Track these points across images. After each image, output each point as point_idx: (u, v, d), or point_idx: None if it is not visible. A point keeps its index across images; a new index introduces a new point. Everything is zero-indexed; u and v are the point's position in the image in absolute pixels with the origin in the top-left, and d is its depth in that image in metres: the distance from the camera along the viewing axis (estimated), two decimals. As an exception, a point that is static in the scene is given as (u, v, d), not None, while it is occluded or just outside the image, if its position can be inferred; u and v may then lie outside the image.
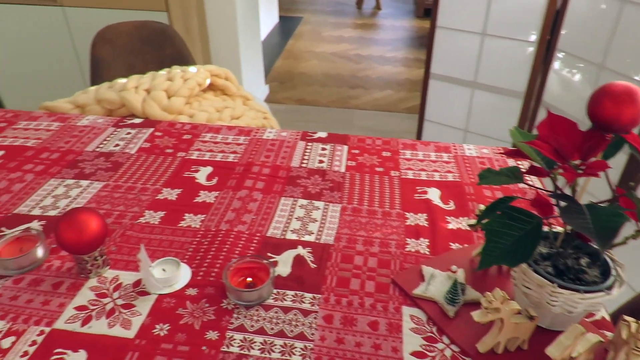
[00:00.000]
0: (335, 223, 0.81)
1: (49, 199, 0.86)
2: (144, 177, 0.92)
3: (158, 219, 0.81)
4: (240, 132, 1.09)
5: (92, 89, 1.47)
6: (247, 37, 2.70)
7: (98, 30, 1.63)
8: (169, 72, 1.50)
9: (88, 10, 2.24)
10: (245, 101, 1.63)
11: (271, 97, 3.17)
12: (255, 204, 0.85)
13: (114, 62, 1.61)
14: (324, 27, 4.55)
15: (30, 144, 1.03)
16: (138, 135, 1.07)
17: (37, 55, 2.40)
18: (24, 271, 0.70)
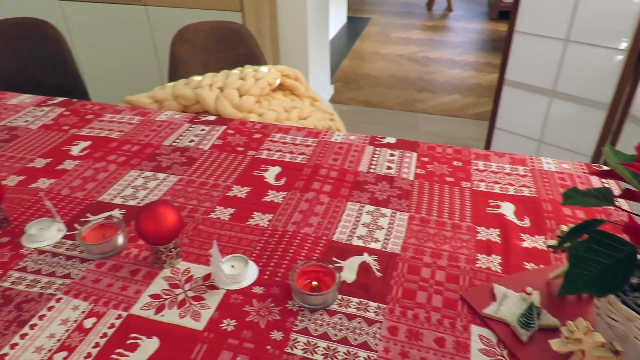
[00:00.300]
0: (402, 232, 0.79)
1: (129, 189, 0.91)
2: (216, 174, 0.95)
3: (228, 216, 0.83)
4: (309, 134, 1.10)
5: (170, 85, 1.54)
6: (316, 37, 2.72)
7: (178, 30, 1.70)
8: (241, 71, 1.54)
9: (168, 9, 2.35)
10: (312, 102, 1.64)
11: (336, 97, 3.18)
12: (322, 207, 0.85)
13: (190, 60, 1.68)
14: (392, 28, 4.49)
15: (114, 136, 1.09)
16: (211, 132, 1.11)
17: (121, 51, 2.56)
18: (106, 256, 0.74)
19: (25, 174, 0.95)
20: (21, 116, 1.20)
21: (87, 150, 1.04)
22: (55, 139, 1.09)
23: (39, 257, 0.75)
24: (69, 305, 0.66)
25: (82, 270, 0.72)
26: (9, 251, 0.76)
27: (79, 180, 0.93)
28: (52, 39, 1.73)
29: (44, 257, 0.74)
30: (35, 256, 0.75)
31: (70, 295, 0.67)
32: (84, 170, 0.97)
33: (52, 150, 1.04)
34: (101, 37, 2.57)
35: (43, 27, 1.73)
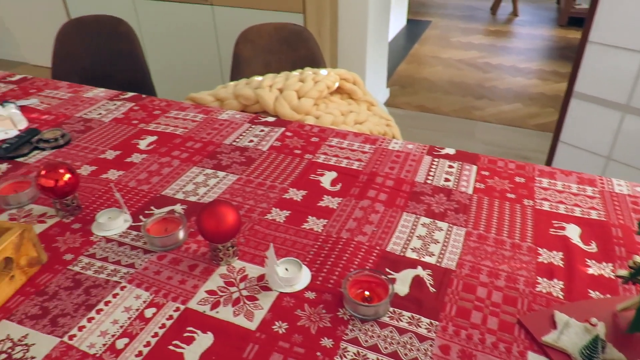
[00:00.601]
0: (459, 248, 0.77)
1: (191, 185, 0.94)
2: (273, 175, 0.97)
3: (283, 218, 0.85)
4: (366, 140, 1.09)
5: (231, 84, 1.59)
6: (375, 39, 2.71)
7: (241, 30, 1.75)
8: (301, 73, 1.56)
9: (233, 9, 2.41)
10: (369, 106, 1.64)
11: (391, 100, 3.15)
12: (376, 215, 0.85)
13: (252, 60, 1.72)
14: (453, 32, 4.39)
15: (179, 132, 1.14)
16: (270, 134, 1.13)
17: (185, 48, 2.66)
18: (167, 249, 0.77)
19: (97, 165, 1.02)
20: (95, 109, 1.27)
21: (154, 145, 1.09)
22: (125, 132, 1.15)
23: (106, 245, 0.79)
24: (132, 294, 0.69)
25: (145, 261, 0.75)
26: (80, 237, 0.81)
27: (145, 174, 0.98)
28: (125, 35, 1.83)
29: (111, 246, 0.79)
30: (103, 244, 0.79)
31: (133, 285, 0.71)
32: (150, 164, 1.01)
33: (122, 143, 1.10)
34: (168, 34, 2.69)
35: (118, 24, 1.83)
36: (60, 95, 1.37)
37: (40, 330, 0.64)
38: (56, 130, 1.12)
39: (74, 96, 1.36)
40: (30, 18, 3.75)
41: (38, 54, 3.97)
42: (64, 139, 1.10)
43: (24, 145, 1.08)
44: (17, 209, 0.88)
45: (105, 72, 1.87)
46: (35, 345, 0.62)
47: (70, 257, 0.76)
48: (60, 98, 1.35)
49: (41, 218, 0.86)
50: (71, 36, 1.85)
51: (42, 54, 3.94)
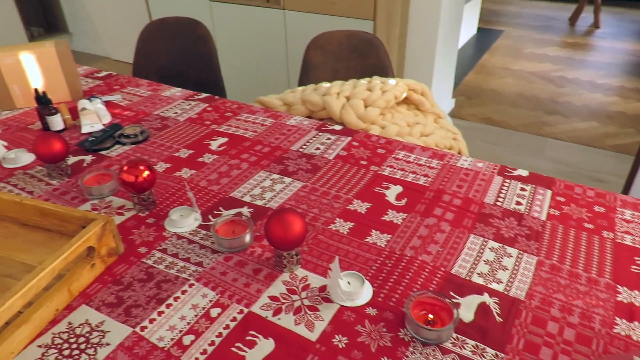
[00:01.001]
0: (529, 277, 0.74)
1: (258, 189, 0.97)
2: (338, 185, 0.97)
3: (347, 229, 0.85)
4: (434, 155, 1.07)
5: (299, 89, 1.61)
6: (444, 48, 2.65)
7: (311, 35, 1.77)
8: (369, 82, 1.56)
9: (304, 14, 2.45)
10: (436, 119, 1.60)
11: (456, 111, 3.07)
12: (442, 235, 0.83)
13: (321, 66, 1.74)
14: (526, 42, 4.21)
15: (248, 135, 1.17)
16: (337, 142, 1.13)
17: (255, 51, 2.73)
18: (233, 251, 0.80)
19: (172, 162, 1.07)
20: (172, 108, 1.34)
21: (224, 147, 1.12)
22: (198, 132, 1.20)
23: (177, 241, 0.83)
24: (199, 292, 0.72)
25: (212, 260, 0.78)
26: (154, 232, 0.85)
27: (215, 174, 1.02)
28: (202, 37, 1.91)
29: (182, 243, 0.82)
30: (175, 240, 0.83)
31: (201, 283, 0.74)
32: (220, 165, 1.05)
33: (195, 143, 1.14)
34: (240, 36, 2.77)
35: (196, 26, 1.92)
36: (140, 92, 1.45)
37: (115, 319, 0.68)
38: (136, 127, 1.19)
39: (153, 94, 1.44)
40: (114, 16, 4.00)
41: (119, 49, 4.23)
42: (142, 136, 1.17)
43: (107, 139, 1.15)
44: (99, 199, 0.94)
45: (180, 70, 1.96)
46: (110, 333, 0.66)
47: (144, 250, 0.81)
48: (140, 95, 1.43)
49: (120, 210, 0.91)
50: (153, 36, 1.96)
51: (123, 50, 4.20)
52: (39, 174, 1.03)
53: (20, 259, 0.77)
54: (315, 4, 2.38)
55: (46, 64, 1.33)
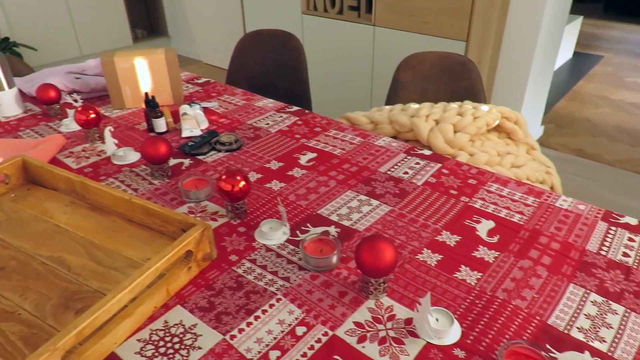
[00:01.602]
0: (638, 340, 0.68)
1: (345, 209, 0.97)
2: (427, 213, 0.95)
3: (435, 262, 0.83)
4: (530, 192, 1.02)
5: (387, 108, 1.61)
6: (538, 72, 2.53)
7: (399, 52, 1.77)
8: (460, 106, 1.52)
9: (395, 31, 2.45)
10: (529, 150, 1.53)
11: (544, 139, 2.91)
12: (538, 280, 0.78)
13: (411, 86, 1.73)
14: (628, 70, 3.91)
15: (337, 153, 1.19)
16: (426, 168, 1.11)
17: (341, 65, 2.77)
18: (320, 270, 0.81)
19: (263, 173, 1.10)
20: (264, 118, 1.39)
21: (313, 162, 1.14)
22: (288, 145, 1.23)
23: (266, 253, 0.85)
24: (285, 308, 0.74)
25: (299, 277, 0.79)
26: (245, 241, 0.88)
27: (303, 190, 1.04)
28: (295, 50, 1.97)
29: (270, 255, 0.85)
30: (264, 252, 0.86)
31: (287, 299, 0.75)
32: (308, 180, 1.07)
33: (285, 156, 1.18)
34: (328, 49, 2.82)
35: (289, 39, 1.98)
36: (235, 101, 1.52)
37: (207, 324, 0.71)
38: (231, 135, 1.25)
39: (247, 104, 1.50)
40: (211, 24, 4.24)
41: (211, 54, 4.47)
42: (236, 144, 1.22)
43: (204, 145, 1.22)
44: (195, 203, 0.99)
45: (270, 81, 2.03)
46: (202, 337, 0.69)
47: (235, 258, 0.84)
48: (235, 104, 1.50)
49: (213, 216, 0.96)
50: (248, 46, 2.05)
51: (215, 55, 4.43)
52: (143, 172, 1.11)
53: (125, 253, 0.83)
54: (407, 23, 2.37)
55: (155, 69, 1.43)
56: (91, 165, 1.15)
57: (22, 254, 0.83)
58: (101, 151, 1.21)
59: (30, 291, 0.75)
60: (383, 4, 2.42)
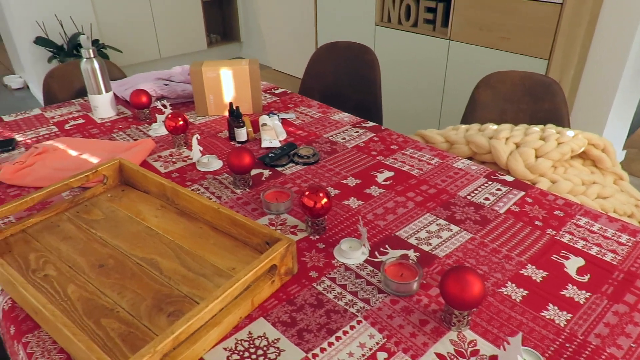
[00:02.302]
0: None
1: (424, 233, 0.96)
2: (510, 244, 0.92)
3: (520, 297, 0.80)
4: (624, 229, 0.96)
5: (463, 127, 1.57)
6: (623, 95, 2.38)
7: (476, 70, 1.72)
8: (542, 130, 1.46)
9: (471, 47, 2.39)
10: (617, 180, 1.44)
11: (625, 165, 2.73)
12: (635, 328, 0.73)
13: (489, 106, 1.68)
14: None
15: (414, 173, 1.18)
16: (508, 195, 1.08)
17: (412, 78, 2.74)
18: (400, 295, 0.80)
19: (340, 189, 1.11)
20: (340, 132, 1.40)
21: (390, 181, 1.14)
22: (364, 161, 1.23)
23: (345, 272, 0.86)
24: (366, 331, 0.74)
25: (380, 300, 0.79)
26: (324, 258, 0.90)
27: (381, 209, 1.04)
28: (369, 63, 1.97)
29: (349, 275, 0.85)
30: (343, 270, 0.86)
31: (368, 322, 0.75)
32: (386, 200, 1.07)
33: (362, 172, 1.18)
34: (399, 61, 2.81)
35: (365, 52, 1.99)
36: (311, 113, 1.55)
37: (289, 339, 0.73)
38: (309, 148, 1.27)
39: (323, 116, 1.52)
40: (282, 31, 4.35)
41: (280, 61, 4.58)
42: (314, 158, 1.24)
43: (283, 157, 1.25)
44: (275, 215, 1.02)
45: (342, 92, 2.05)
46: (285, 352, 0.70)
47: (314, 274, 0.85)
48: (312, 116, 1.52)
49: (293, 229, 0.98)
50: (323, 57, 2.08)
51: (284, 62, 4.53)
52: (226, 181, 1.16)
53: (211, 260, 0.87)
54: (485, 38, 2.31)
55: (239, 79, 1.49)
56: (178, 170, 1.21)
57: (119, 253, 0.89)
58: (187, 157, 1.28)
59: (126, 290, 0.80)
60: (461, 19, 2.37)
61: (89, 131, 1.45)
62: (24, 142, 1.38)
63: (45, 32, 3.52)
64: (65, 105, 1.66)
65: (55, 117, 1.55)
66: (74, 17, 3.63)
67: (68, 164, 1.21)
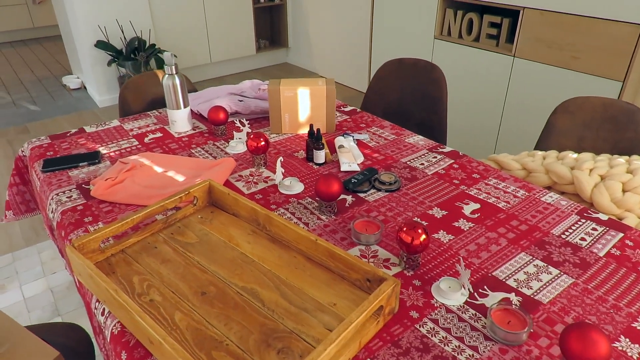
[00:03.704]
0: None
1: (522, 274, 0.93)
2: (616, 292, 0.89)
3: (636, 354, 0.76)
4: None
5: (539, 154, 1.53)
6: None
7: (564, 101, 1.67)
8: (628, 161, 1.40)
9: (537, 64, 2.33)
10: None
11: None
12: None
13: (567, 132, 1.63)
14: None
15: (501, 206, 1.15)
16: (605, 236, 1.04)
17: (470, 93, 2.69)
18: (507, 344, 0.78)
19: (427, 220, 1.10)
20: (418, 157, 1.38)
21: (477, 214, 1.12)
22: (447, 191, 1.21)
23: (447, 314, 0.84)
24: (479, 382, 0.72)
25: (488, 349, 0.78)
26: (422, 297, 0.88)
27: (473, 245, 1.02)
28: (435, 81, 1.95)
29: (451, 317, 0.84)
30: (444, 312, 0.85)
31: (479, 372, 0.74)
32: (477, 235, 1.05)
33: (447, 203, 1.16)
34: (457, 75, 2.76)
35: (432, 70, 1.96)
36: (385, 135, 1.54)
37: (401, 385, 0.72)
38: (391, 175, 1.26)
39: (397, 139, 1.51)
40: (332, 39, 4.35)
41: (327, 68, 4.58)
42: (396, 185, 1.23)
43: (365, 182, 1.24)
44: (365, 245, 1.02)
45: (406, 108, 2.03)
46: (399, 400, 0.70)
47: (415, 315, 0.84)
48: (386, 138, 1.51)
49: (386, 263, 0.97)
50: (388, 73, 2.07)
51: (331, 69, 4.54)
52: (310, 206, 1.16)
53: (311, 294, 0.87)
54: (553, 56, 2.24)
55: (315, 99, 1.49)
56: (261, 191, 1.22)
57: (219, 281, 0.91)
58: (267, 177, 1.29)
59: (232, 321, 0.81)
60: (528, 36, 2.31)
61: (168, 145, 1.48)
62: (108, 155, 1.42)
63: (107, 36, 3.64)
64: (142, 117, 1.70)
65: (134, 130, 1.59)
66: (133, 22, 3.74)
67: (155, 181, 1.25)
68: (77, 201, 1.19)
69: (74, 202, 1.18)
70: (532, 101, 2.40)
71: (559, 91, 2.28)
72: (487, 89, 2.61)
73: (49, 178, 1.30)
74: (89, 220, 1.11)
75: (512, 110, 2.52)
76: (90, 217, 1.12)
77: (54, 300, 2.00)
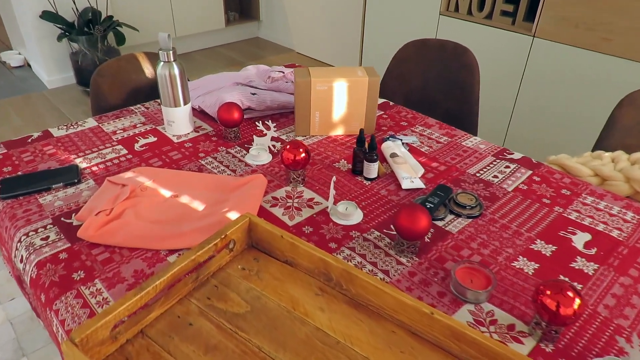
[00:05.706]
0: None
1: (689, 341, 0.71)
2: None
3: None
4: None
5: (607, 156, 1.32)
6: None
7: (631, 92, 1.46)
8: None
9: (561, 46, 2.13)
10: None
11: None
12: None
13: (632, 129, 1.43)
14: None
15: (615, 235, 0.92)
16: None
17: (483, 77, 2.45)
18: None
19: (535, 260, 0.85)
20: (487, 168, 1.13)
21: (594, 249, 0.88)
22: (541, 215, 0.96)
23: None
24: None
25: None
26: (582, 388, 0.64)
27: (612, 300, 0.78)
28: (468, 67, 1.69)
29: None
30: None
31: None
32: (609, 283, 0.81)
33: (548, 233, 0.91)
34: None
35: (462, 53, 1.70)
36: (434, 136, 1.27)
37: None
38: (470, 195, 1.00)
39: (451, 141, 1.25)
40: (312, 13, 3.97)
41: (305, 43, 4.23)
42: (477, 210, 0.97)
43: (440, 206, 0.98)
44: (474, 304, 0.76)
45: (431, 96, 1.77)
46: None
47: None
48: (437, 140, 1.25)
49: (511, 332, 0.71)
50: (410, 56, 1.79)
51: (309, 44, 4.17)
52: (381, 243, 0.89)
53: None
54: (580, 37, 2.04)
55: (354, 93, 1.20)
56: (308, 221, 0.94)
57: (298, 381, 0.62)
58: (310, 200, 1.00)
59: None
60: (552, 14, 2.09)
61: (168, 155, 1.15)
62: (89, 170, 1.08)
63: (54, 5, 3.11)
64: (124, 114, 1.35)
65: (118, 132, 1.24)
66: (86, -11, 3.23)
67: (165, 212, 0.93)
68: (58, 245, 0.85)
69: (53, 248, 0.85)
70: (552, 88, 2.20)
71: (585, 77, 2.08)
72: (501, 74, 2.39)
73: (11, 208, 0.95)
74: (79, 277, 0.79)
75: (527, 98, 2.32)
76: (81, 271, 0.80)
77: (15, 336, 1.63)
